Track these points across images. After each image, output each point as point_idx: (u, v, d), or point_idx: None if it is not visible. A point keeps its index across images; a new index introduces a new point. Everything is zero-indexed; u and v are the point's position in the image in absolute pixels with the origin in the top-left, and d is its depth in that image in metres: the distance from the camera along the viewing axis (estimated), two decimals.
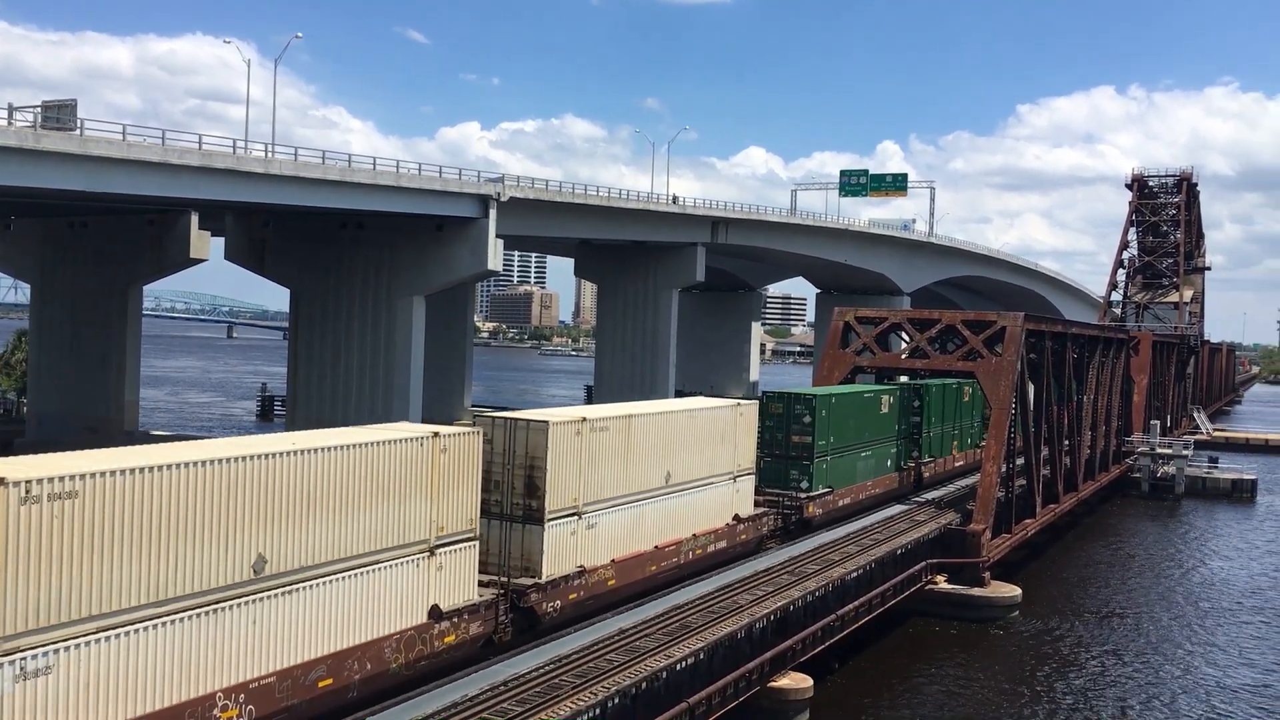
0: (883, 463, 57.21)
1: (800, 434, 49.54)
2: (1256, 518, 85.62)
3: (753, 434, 44.54)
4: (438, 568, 27.71)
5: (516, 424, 32.11)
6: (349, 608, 24.87)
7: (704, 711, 30.81)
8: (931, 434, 63.79)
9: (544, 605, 31.36)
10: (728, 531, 41.72)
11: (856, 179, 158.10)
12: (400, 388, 79.10)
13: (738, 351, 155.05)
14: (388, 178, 72.71)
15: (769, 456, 49.49)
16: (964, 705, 39.00)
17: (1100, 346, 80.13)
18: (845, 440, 52.31)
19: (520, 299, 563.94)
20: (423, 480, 27.18)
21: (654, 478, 36.94)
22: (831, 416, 50.74)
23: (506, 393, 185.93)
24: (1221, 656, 46.74)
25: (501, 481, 31.85)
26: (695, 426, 39.70)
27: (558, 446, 31.91)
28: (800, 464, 49.38)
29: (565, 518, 32.59)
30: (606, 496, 34.42)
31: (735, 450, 42.54)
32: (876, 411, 56.30)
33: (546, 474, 31.61)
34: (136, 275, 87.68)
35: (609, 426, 34.43)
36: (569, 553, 32.85)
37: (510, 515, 31.85)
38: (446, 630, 27.65)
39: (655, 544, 36.83)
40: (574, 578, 32.81)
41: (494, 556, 31.57)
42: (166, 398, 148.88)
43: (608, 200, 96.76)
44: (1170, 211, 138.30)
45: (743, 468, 43.43)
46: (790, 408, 49.90)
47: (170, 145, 60.90)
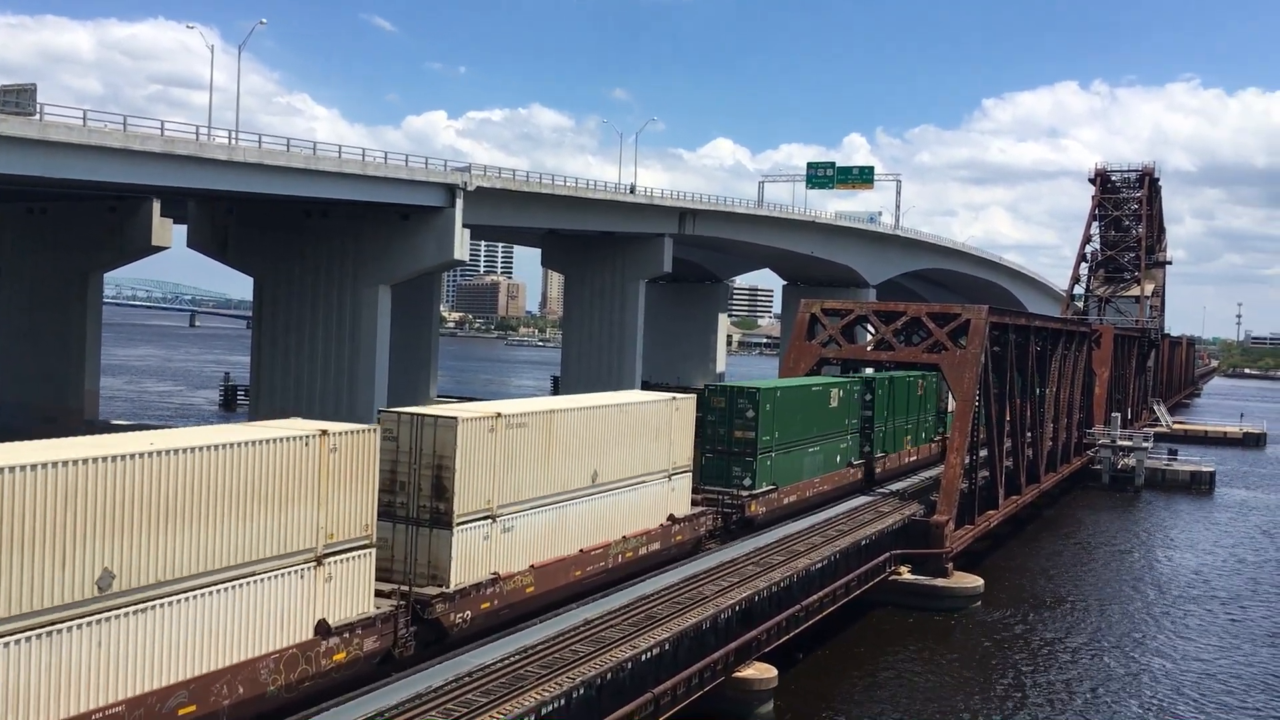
0: (831, 459, 55.21)
1: (743, 429, 47.24)
2: (1214, 509, 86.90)
3: (689, 429, 42.13)
4: (326, 579, 25.34)
5: (423, 421, 29.77)
6: (218, 626, 22.49)
7: (669, 702, 30.89)
8: (884, 428, 62.15)
9: (452, 616, 29.01)
10: (661, 533, 39.43)
11: (823, 171, 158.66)
12: (365, 377, 78.62)
13: (704, 343, 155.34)
14: (353, 166, 72.15)
15: (710, 452, 47.34)
16: (926, 694, 39.34)
17: (1063, 339, 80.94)
18: (791, 435, 50.17)
19: (487, 289, 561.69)
20: (308, 483, 24.80)
21: (579, 477, 34.66)
22: (776, 410, 48.56)
23: (473, 383, 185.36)
24: (1177, 643, 47.43)
25: (408, 483, 29.64)
26: (626, 422, 37.37)
27: (468, 445, 29.61)
28: (743, 460, 47.11)
29: (477, 521, 30.25)
30: (525, 498, 32.19)
31: (671, 447, 40.24)
32: (825, 405, 54.35)
33: (455, 474, 29.27)
34: (97, 262, 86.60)
35: (527, 423, 32.20)
36: (481, 559, 30.48)
37: (417, 519, 29.60)
38: (336, 647, 25.25)
39: (580, 548, 34.62)
40: (487, 586, 30.37)
41: (399, 564, 29.43)
42: (125, 386, 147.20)
43: (575, 190, 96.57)
44: (1132, 206, 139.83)
45: (679, 465, 41.10)
46: (733, 401, 47.63)
47: (132, 131, 60.10)
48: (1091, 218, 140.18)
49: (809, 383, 54.93)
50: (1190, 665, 44.65)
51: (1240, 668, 44.61)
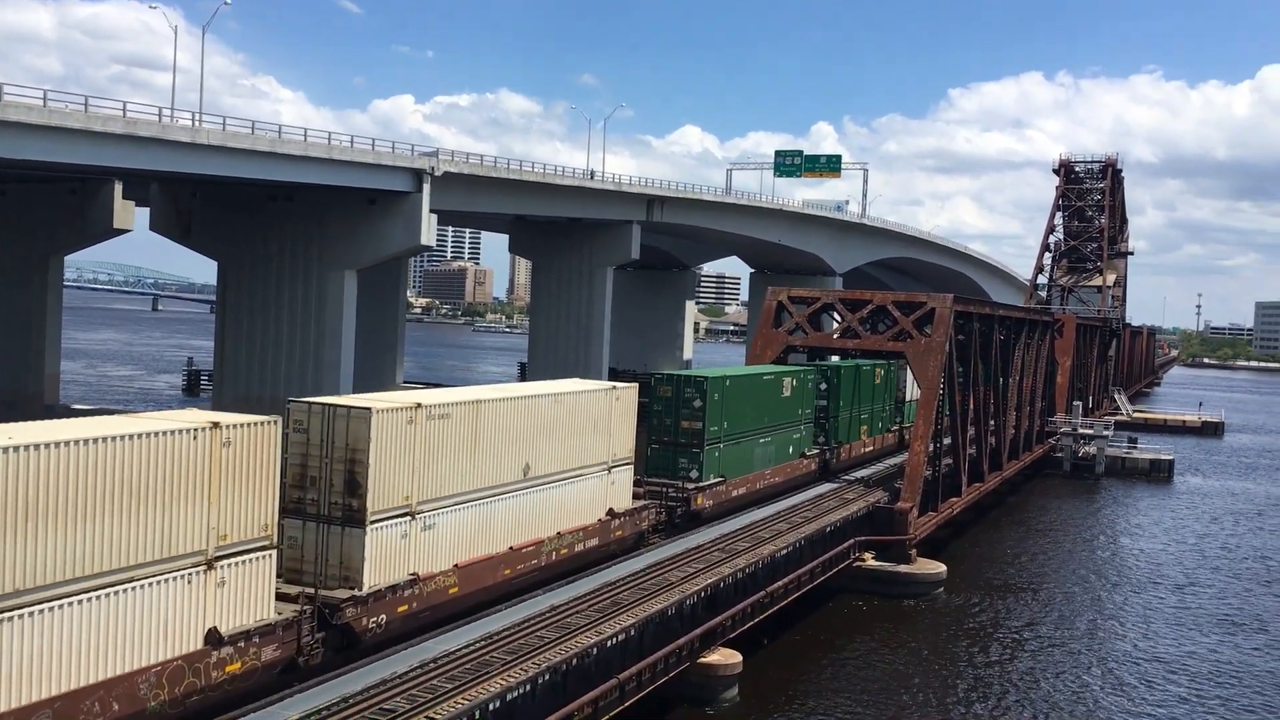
0: (784, 449, 53.86)
1: (690, 419, 45.72)
2: (1173, 496, 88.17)
3: (631, 420, 40.36)
4: (218, 583, 23.51)
5: (334, 411, 28.04)
6: (90, 637, 20.67)
7: (634, 687, 31.05)
8: (839, 418, 61.35)
9: (364, 621, 27.32)
10: (600, 528, 37.95)
11: (791, 160, 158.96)
12: (330, 363, 78.15)
13: (672, 330, 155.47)
14: (319, 149, 71.53)
15: (657, 444, 46.09)
16: (890, 678, 39.75)
17: (1026, 328, 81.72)
18: (741, 426, 48.85)
19: (454, 275, 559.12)
20: (197, 480, 22.95)
21: (509, 470, 33.05)
22: (725, 400, 47.27)
23: (439, 369, 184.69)
24: (1132, 628, 48.19)
25: (319, 478, 27.90)
26: (560, 413, 35.69)
27: (383, 437, 27.92)
28: (690, 452, 45.71)
29: (394, 519, 28.56)
30: (449, 493, 30.54)
31: (611, 438, 38.64)
32: (777, 395, 53.04)
33: (369, 469, 27.53)
34: (58, 245, 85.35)
35: (451, 414, 30.51)
36: (399, 559, 28.76)
37: (329, 517, 27.87)
38: (229, 657, 23.48)
39: (511, 545, 33.08)
40: (405, 587, 28.63)
41: (310, 565, 27.78)
42: (87, 371, 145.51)
43: (543, 176, 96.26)
44: (1095, 197, 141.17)
45: (619, 457, 39.56)
46: (679, 391, 46.15)
47: (93, 112, 59.27)
48: (1055, 208, 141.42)
49: (760, 371, 53.53)
50: (1143, 648, 45.36)
51: (1187, 651, 45.39)
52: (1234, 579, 59.43)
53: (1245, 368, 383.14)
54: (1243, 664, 44.14)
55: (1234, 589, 57.11)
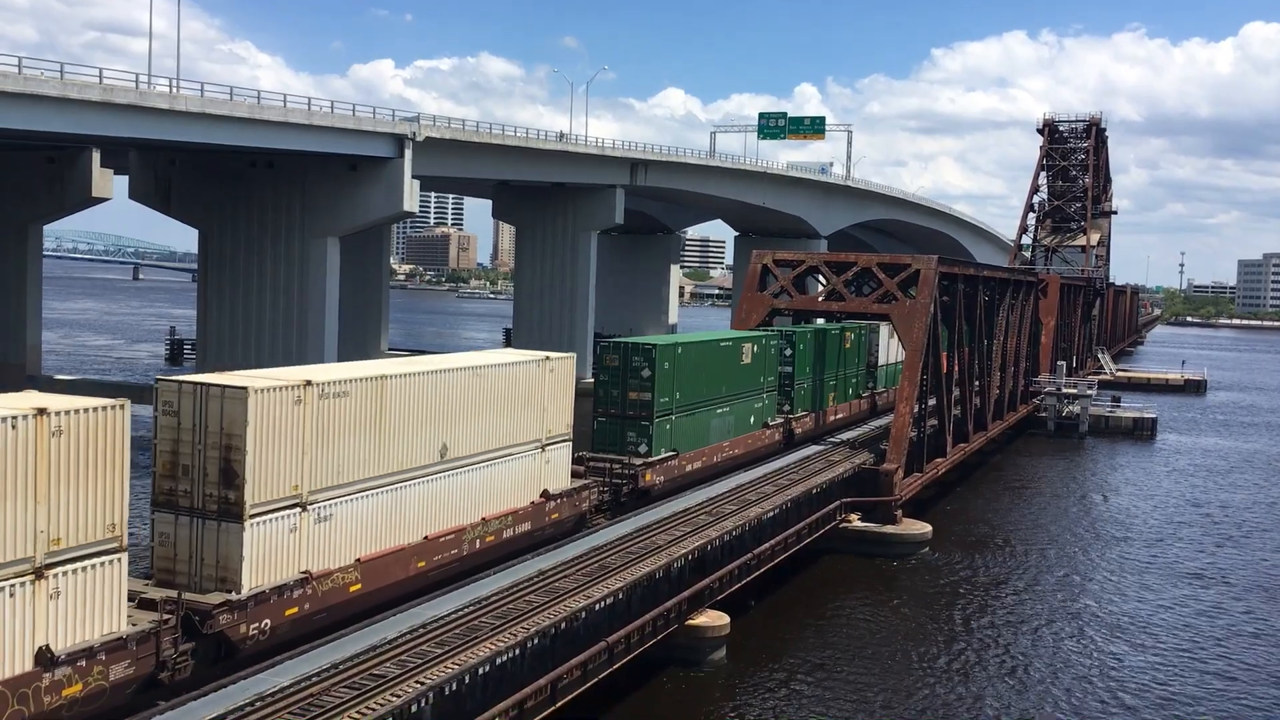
0: (744, 420, 51.64)
1: (638, 390, 43.23)
2: (1155, 454, 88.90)
3: (568, 392, 37.83)
4: (51, 595, 20.72)
5: (208, 392, 25.20)
6: None
7: (623, 650, 31.27)
8: (805, 385, 59.21)
9: (243, 628, 24.63)
10: (533, 512, 35.60)
11: (775, 122, 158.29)
12: (314, 331, 77.83)
13: (657, 294, 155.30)
14: (299, 115, 70.83)
15: (603, 416, 43.91)
16: (876, 638, 40.14)
17: (1010, 289, 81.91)
18: (695, 396, 46.62)
19: (437, 241, 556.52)
20: (19, 477, 20.13)
21: (422, 453, 30.35)
22: (677, 369, 44.87)
23: (424, 336, 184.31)
24: (1113, 584, 48.74)
25: (193, 466, 25.15)
26: (484, 387, 33.01)
27: (264, 420, 25.21)
28: (638, 424, 43.36)
29: (280, 511, 25.91)
30: (348, 480, 27.93)
31: (544, 414, 36.16)
32: (736, 362, 50.57)
33: (248, 456, 24.82)
34: (36, 214, 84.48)
35: (350, 391, 27.82)
36: (287, 555, 26.16)
37: (203, 511, 25.16)
38: (66, 679, 20.67)
39: (426, 535, 30.57)
40: (294, 588, 26.03)
41: (184, 565, 25.16)
42: (61, 340, 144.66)
43: (526, 141, 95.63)
44: (1079, 156, 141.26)
45: (555, 434, 37.02)
46: (627, 359, 43.59)
47: (70, 79, 58.50)
48: (1039, 168, 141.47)
49: (716, 338, 51.32)
50: (1122, 605, 45.89)
51: (1159, 606, 45.95)
52: (1207, 534, 60.08)
53: (1228, 325, 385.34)
54: (1224, 623, 44.72)
55: (1206, 544, 57.74)
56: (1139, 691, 36.32)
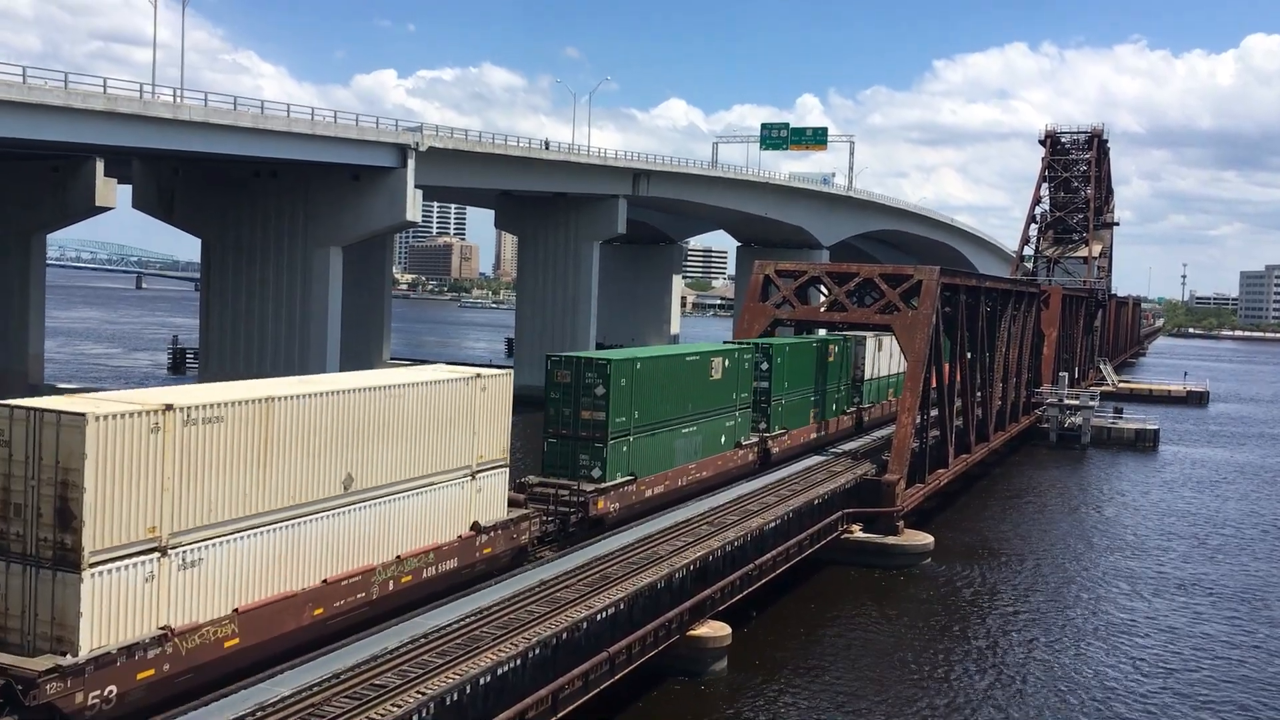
0: (714, 440, 47.91)
1: (592, 409, 39.62)
2: (1158, 466, 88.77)
3: (504, 414, 33.97)
4: None
5: (42, 418, 21.55)
6: None
7: (624, 660, 31.21)
8: (783, 402, 55.61)
9: (79, 697, 20.88)
10: (460, 547, 31.59)
11: (777, 132, 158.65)
12: (317, 340, 77.96)
13: (659, 304, 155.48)
14: (302, 125, 71.08)
15: (554, 437, 40.28)
16: (878, 649, 40.05)
17: (1012, 300, 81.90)
18: (657, 415, 42.96)
19: (440, 251, 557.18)
20: None
21: (321, 484, 26.57)
22: (635, 386, 41.28)
23: (426, 345, 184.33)
24: (1114, 598, 48.61)
25: (25, 505, 21.56)
26: (400, 409, 29.17)
27: (108, 451, 21.58)
28: (591, 447, 39.65)
29: (131, 557, 22.11)
30: (224, 519, 24.22)
31: (476, 437, 32.46)
32: (704, 378, 46.94)
33: (85, 493, 21.14)
34: (39, 223, 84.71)
35: (225, 416, 24.15)
36: (140, 609, 22.34)
37: (36, 558, 21.50)
38: None
39: (324, 577, 26.63)
40: (149, 647, 22.28)
41: (15, 622, 21.54)
42: (69, 350, 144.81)
43: (528, 151, 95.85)
44: (1081, 168, 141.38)
45: (488, 460, 33.23)
46: (580, 375, 39.93)
47: (74, 88, 58.76)
48: (1041, 179, 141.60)
49: (682, 352, 47.80)
50: (1124, 618, 45.79)
51: (1162, 619, 45.85)
52: (1208, 548, 59.95)
53: (1230, 337, 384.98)
54: (1225, 637, 44.62)
55: (1207, 558, 57.62)
56: (1135, 702, 36.23)
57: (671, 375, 44.44)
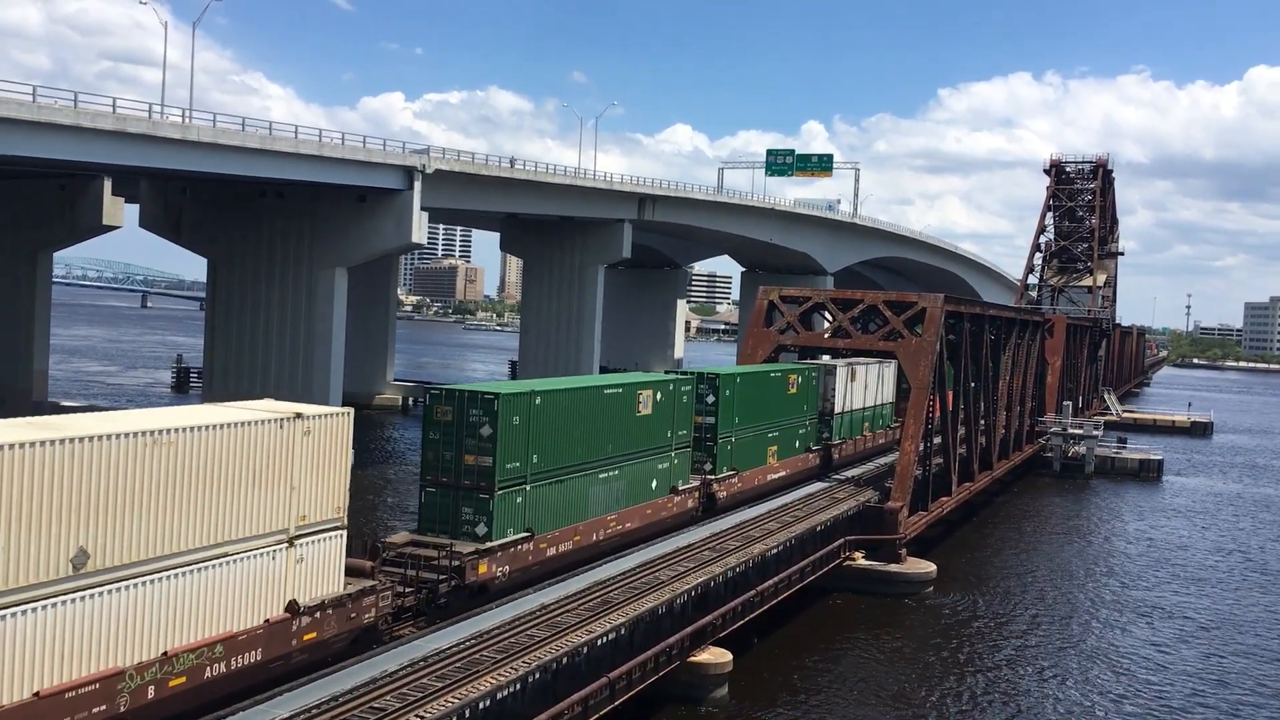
0: (642, 485, 41.58)
1: (477, 452, 33.19)
2: (1162, 496, 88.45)
3: (339, 461, 27.16)
4: None
5: None
6: None
7: (624, 686, 31.07)
8: (733, 439, 49.76)
9: None
10: (267, 635, 25.01)
11: (783, 159, 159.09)
12: (321, 361, 78.01)
13: (663, 329, 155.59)
14: (310, 146, 71.37)
15: (433, 486, 33.85)
16: (879, 678, 39.83)
17: (1016, 328, 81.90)
18: (564, 458, 36.47)
19: (445, 273, 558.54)
20: None
21: (35, 564, 20.14)
22: (534, 424, 34.79)
23: (430, 367, 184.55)
24: (1118, 628, 48.34)
25: None
26: (168, 461, 22.72)
27: None
28: (475, 498, 33.18)
29: None
30: None
31: (294, 493, 25.80)
32: (628, 413, 40.31)
33: None
34: (47, 241, 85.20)
35: None
36: None
37: None
38: None
39: (37, 689, 20.11)
40: None
41: None
42: (76, 368, 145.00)
43: (535, 174, 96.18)
44: (1086, 197, 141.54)
45: (314, 521, 26.44)
46: (463, 412, 33.56)
47: (83, 108, 59.04)
48: (1046, 208, 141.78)
49: (600, 383, 40.85)
50: (1126, 649, 45.51)
51: (1165, 651, 45.57)
52: (1213, 578, 59.66)
53: (1234, 368, 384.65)
54: (1229, 670, 44.35)
55: (1211, 588, 57.34)
56: None
57: (583, 411, 37.76)
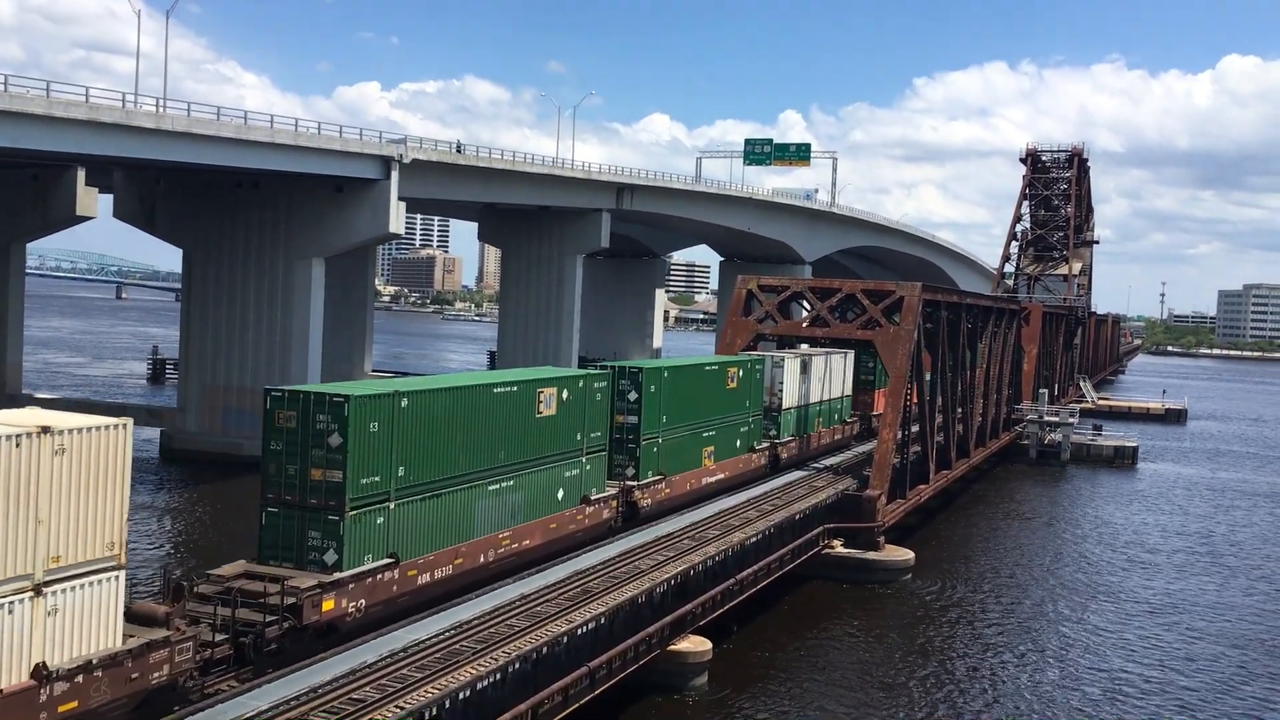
0: (546, 496, 36.36)
1: (325, 465, 27.95)
2: (1136, 483, 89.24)
3: (115, 485, 21.78)
4: None
5: None
6: None
7: (604, 675, 31.15)
8: (659, 440, 44.38)
9: None
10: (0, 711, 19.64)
11: (761, 148, 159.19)
12: (298, 351, 77.60)
13: (641, 318, 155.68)
14: (286, 136, 70.88)
15: (274, 506, 28.55)
16: (857, 664, 40.10)
17: (993, 317, 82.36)
18: (437, 469, 31.05)
19: (422, 263, 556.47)
20: None
21: None
22: (396, 431, 29.39)
23: (408, 357, 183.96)
24: (1091, 613, 48.81)
25: None
26: None
27: None
28: (323, 520, 27.99)
29: None
30: None
31: (39, 529, 20.32)
32: (527, 415, 35.04)
33: None
34: (19, 232, 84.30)
35: None
36: None
37: None
38: None
39: None
40: None
41: None
42: (49, 359, 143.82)
43: (512, 164, 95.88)
44: (1062, 186, 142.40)
45: (71, 563, 21.03)
46: (308, 417, 28.21)
47: (55, 98, 58.42)
48: (1022, 197, 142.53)
49: (489, 381, 34.55)
50: (1100, 633, 45.96)
51: (1138, 635, 46.06)
52: (1187, 563, 60.30)
53: (1208, 355, 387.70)
54: (1205, 654, 44.85)
55: (1186, 572, 57.94)
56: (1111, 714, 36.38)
57: (465, 414, 32.36)
